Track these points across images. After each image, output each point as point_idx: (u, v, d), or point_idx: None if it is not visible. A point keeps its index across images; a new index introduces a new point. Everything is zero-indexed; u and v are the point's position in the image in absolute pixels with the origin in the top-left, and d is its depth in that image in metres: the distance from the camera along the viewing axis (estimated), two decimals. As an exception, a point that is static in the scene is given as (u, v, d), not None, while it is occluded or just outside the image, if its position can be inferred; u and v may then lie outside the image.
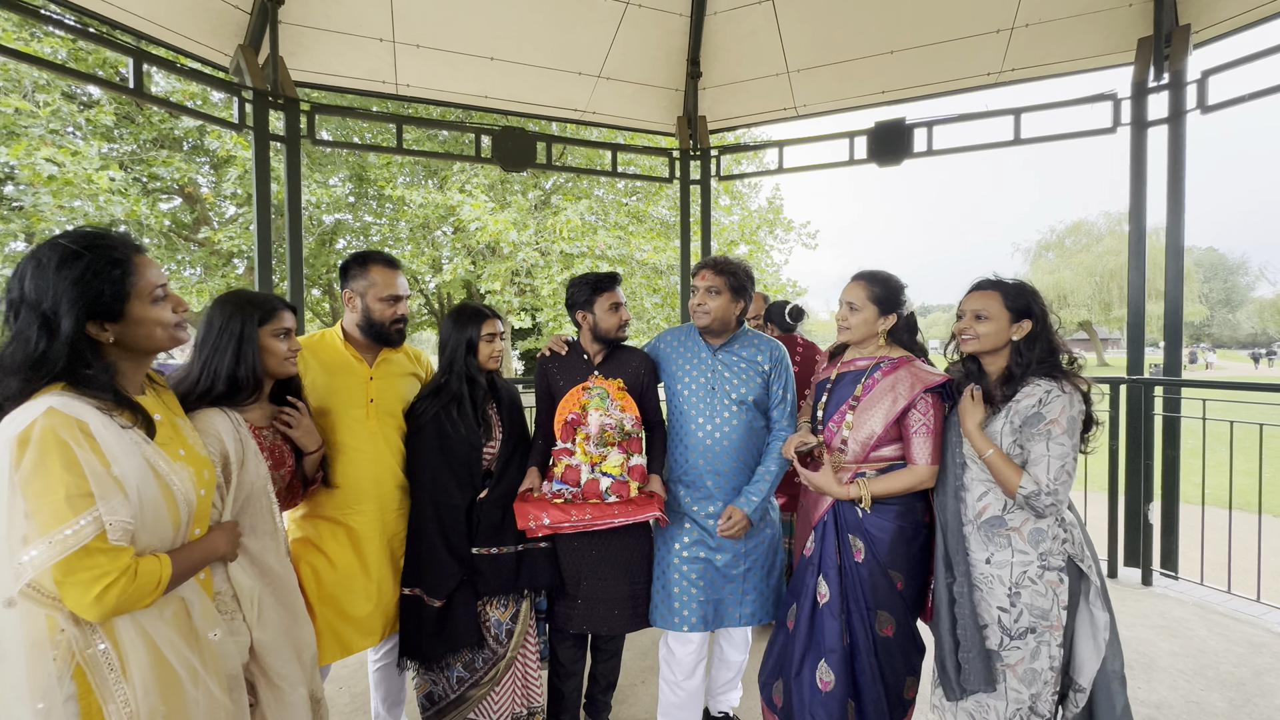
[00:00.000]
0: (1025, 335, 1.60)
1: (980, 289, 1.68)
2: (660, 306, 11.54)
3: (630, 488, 1.74)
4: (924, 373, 1.73)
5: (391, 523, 1.81)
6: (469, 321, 1.87)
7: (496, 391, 1.96)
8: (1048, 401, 1.52)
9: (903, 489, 1.68)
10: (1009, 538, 1.58)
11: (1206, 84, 3.44)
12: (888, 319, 1.79)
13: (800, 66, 4.76)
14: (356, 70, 4.34)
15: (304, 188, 9.42)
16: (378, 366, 1.85)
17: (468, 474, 1.82)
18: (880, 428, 1.71)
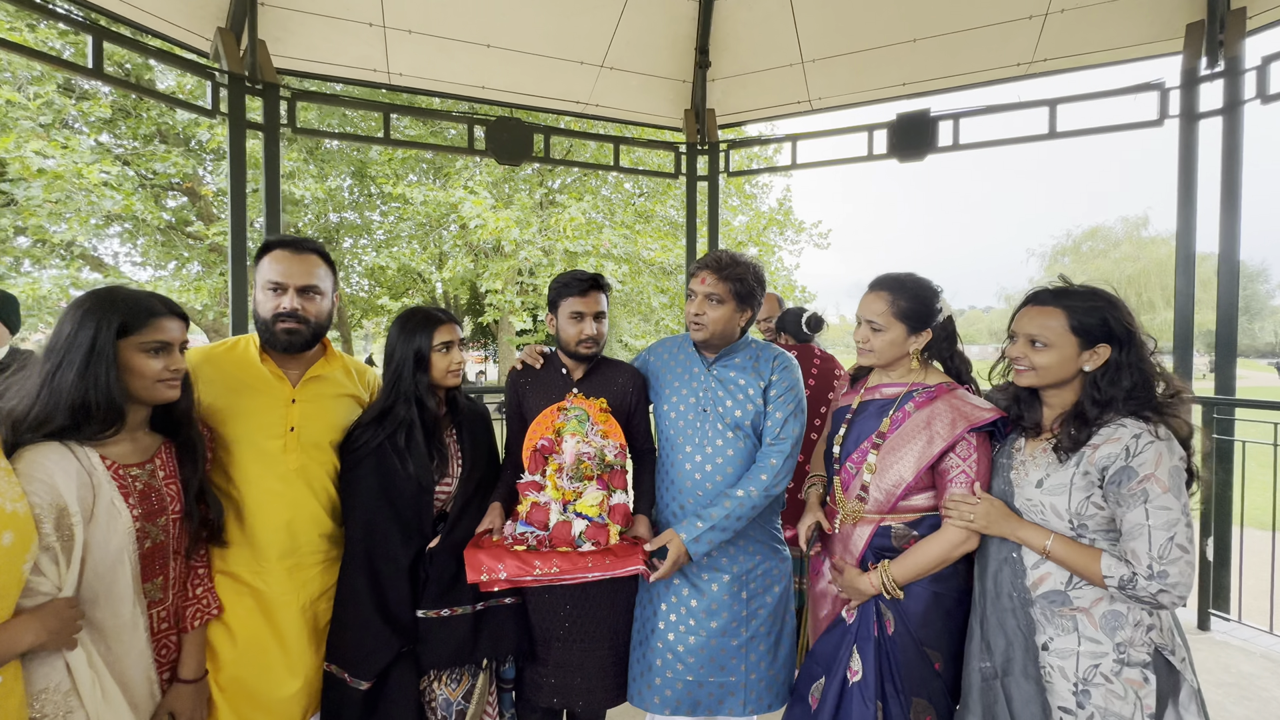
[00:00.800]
0: (1102, 364, 1.26)
1: (1036, 303, 1.32)
2: (669, 307, 11.28)
3: (609, 532, 1.43)
4: (968, 406, 1.40)
5: (313, 581, 1.49)
6: (418, 329, 1.57)
7: (457, 414, 1.66)
8: (1138, 451, 1.18)
9: (936, 562, 1.37)
10: (1075, 620, 1.24)
11: (1268, 71, 3.11)
12: (919, 337, 1.48)
13: (815, 56, 4.47)
14: (345, 57, 4.11)
15: (300, 184, 9.23)
16: (304, 386, 1.51)
17: (415, 519, 1.52)
18: (911, 474, 1.40)
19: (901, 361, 1.51)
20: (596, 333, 1.69)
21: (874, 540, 1.45)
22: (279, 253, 1.48)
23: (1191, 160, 3.34)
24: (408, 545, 1.51)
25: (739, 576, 1.62)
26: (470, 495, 1.59)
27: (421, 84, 4.35)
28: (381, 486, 1.50)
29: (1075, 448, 1.25)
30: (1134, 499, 1.17)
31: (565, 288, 1.69)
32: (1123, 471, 1.18)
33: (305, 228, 12.80)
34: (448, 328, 1.61)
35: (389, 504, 1.50)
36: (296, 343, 1.49)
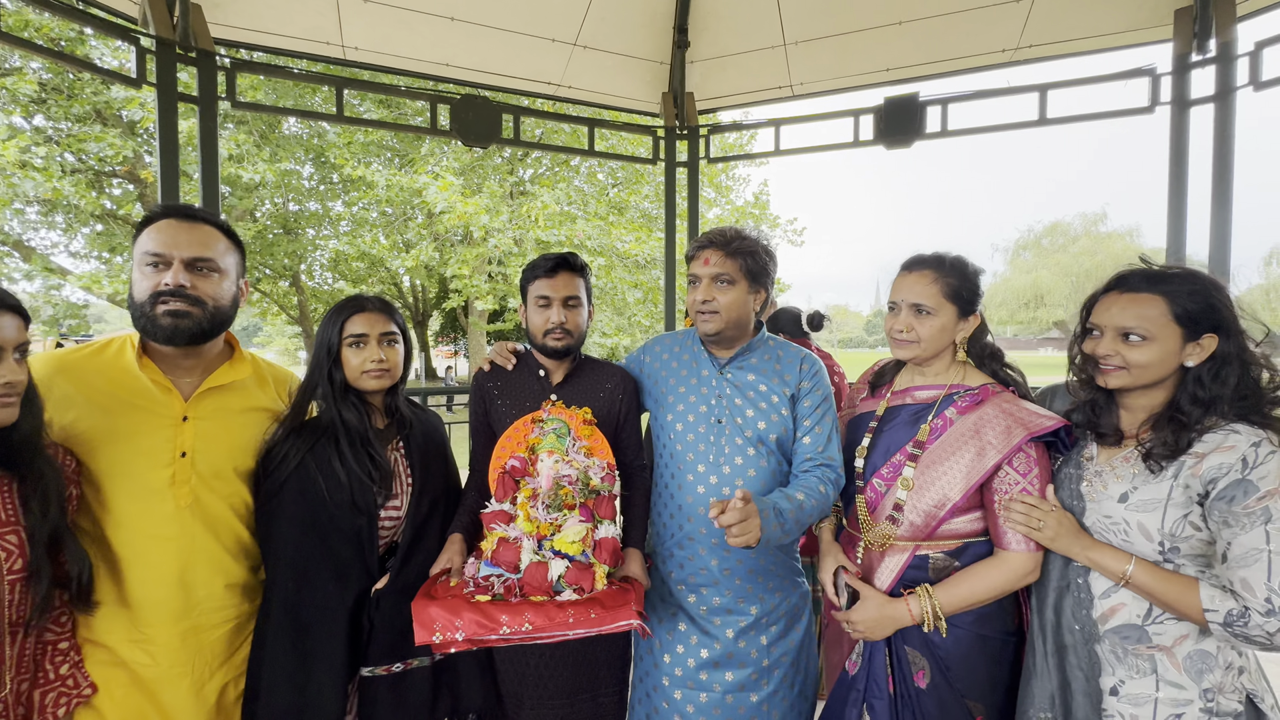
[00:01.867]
0: (1207, 358, 1.07)
1: (1126, 289, 1.12)
2: (642, 302, 11.07)
3: (595, 575, 1.17)
4: (1024, 411, 1.20)
5: (216, 647, 1.20)
6: (330, 319, 1.31)
7: (403, 424, 1.40)
8: (1258, 462, 0.99)
9: (995, 593, 1.16)
10: (1153, 660, 1.07)
11: (1261, 56, 3.04)
12: (967, 322, 1.28)
13: (798, 39, 4.29)
14: (293, 28, 3.75)
15: (251, 167, 8.70)
16: (200, 399, 1.21)
17: (355, 555, 1.25)
18: (959, 492, 1.19)
19: (942, 356, 1.31)
20: (566, 320, 1.43)
21: (906, 573, 1.25)
22: (161, 223, 1.17)
23: (1183, 148, 3.27)
24: (345, 588, 1.24)
25: (758, 620, 1.39)
26: (424, 521, 1.33)
27: (379, 59, 4.02)
28: (307, 515, 1.23)
29: (1174, 456, 1.06)
30: (1251, 519, 0.98)
31: (531, 270, 1.45)
32: (1237, 486, 1.00)
33: (263, 217, 12.18)
34: (366, 317, 1.32)
35: (318, 537, 1.23)
36: (184, 330, 1.17)
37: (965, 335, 1.29)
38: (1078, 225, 35.25)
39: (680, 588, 1.42)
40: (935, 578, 1.24)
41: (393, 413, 1.40)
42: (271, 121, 10.70)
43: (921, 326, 1.27)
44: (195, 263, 1.18)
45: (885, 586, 1.27)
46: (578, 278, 1.47)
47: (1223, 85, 3.12)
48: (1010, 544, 1.17)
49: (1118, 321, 1.11)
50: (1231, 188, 3.11)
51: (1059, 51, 3.75)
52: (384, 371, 1.33)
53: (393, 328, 1.36)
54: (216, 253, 1.21)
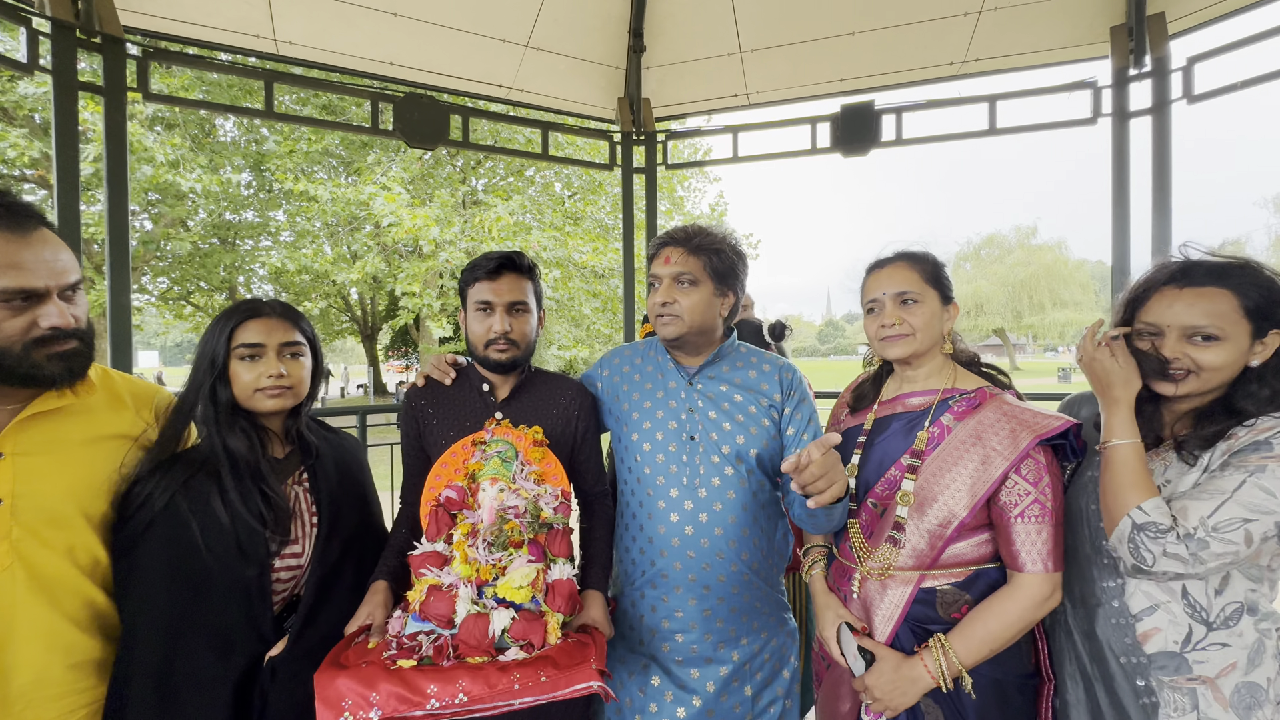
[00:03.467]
0: (1271, 354, 0.98)
1: (1188, 284, 1.01)
2: (600, 312, 10.92)
3: (548, 626, 0.98)
4: (1027, 414, 1.09)
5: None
6: (216, 326, 1.11)
7: (307, 452, 1.18)
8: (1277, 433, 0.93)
9: (1015, 629, 1.03)
10: (1194, 695, 0.96)
11: (1193, 71, 3.17)
12: (950, 310, 1.19)
13: (754, 46, 4.27)
14: (219, 18, 3.47)
15: (189, 175, 8.16)
16: (23, 428, 0.97)
17: (241, 614, 1.03)
18: (965, 507, 1.07)
19: (933, 354, 1.20)
20: (511, 329, 1.25)
21: (912, 609, 1.11)
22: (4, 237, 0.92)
23: (1124, 158, 3.37)
24: (228, 657, 1.01)
25: (741, 666, 1.23)
26: (332, 570, 1.11)
27: (316, 55, 3.76)
28: (178, 569, 1.00)
29: (1208, 445, 0.98)
30: (1240, 469, 0.91)
31: (471, 270, 1.27)
32: (1252, 446, 0.93)
33: (197, 226, 11.45)
34: (262, 323, 1.12)
35: (192, 595, 1.00)
36: (78, 370, 0.98)
37: (950, 326, 1.21)
38: (1012, 238, 37.21)
39: (652, 634, 1.25)
40: (944, 613, 1.11)
41: (295, 439, 1.18)
42: (204, 126, 10.10)
43: (912, 316, 1.17)
44: (52, 294, 0.96)
45: (891, 625, 1.13)
46: (525, 280, 1.30)
47: (1159, 98, 3.24)
48: (1024, 564, 1.05)
49: (1184, 320, 1.00)
50: (1170, 195, 3.21)
51: (1004, 65, 3.84)
52: (284, 389, 1.12)
53: (296, 337, 1.16)
54: (55, 271, 0.97)
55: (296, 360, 1.15)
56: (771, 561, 1.28)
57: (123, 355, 2.78)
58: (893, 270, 1.20)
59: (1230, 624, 0.96)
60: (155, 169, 7.85)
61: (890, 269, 1.20)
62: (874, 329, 1.21)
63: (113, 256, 2.81)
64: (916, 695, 1.06)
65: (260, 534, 1.05)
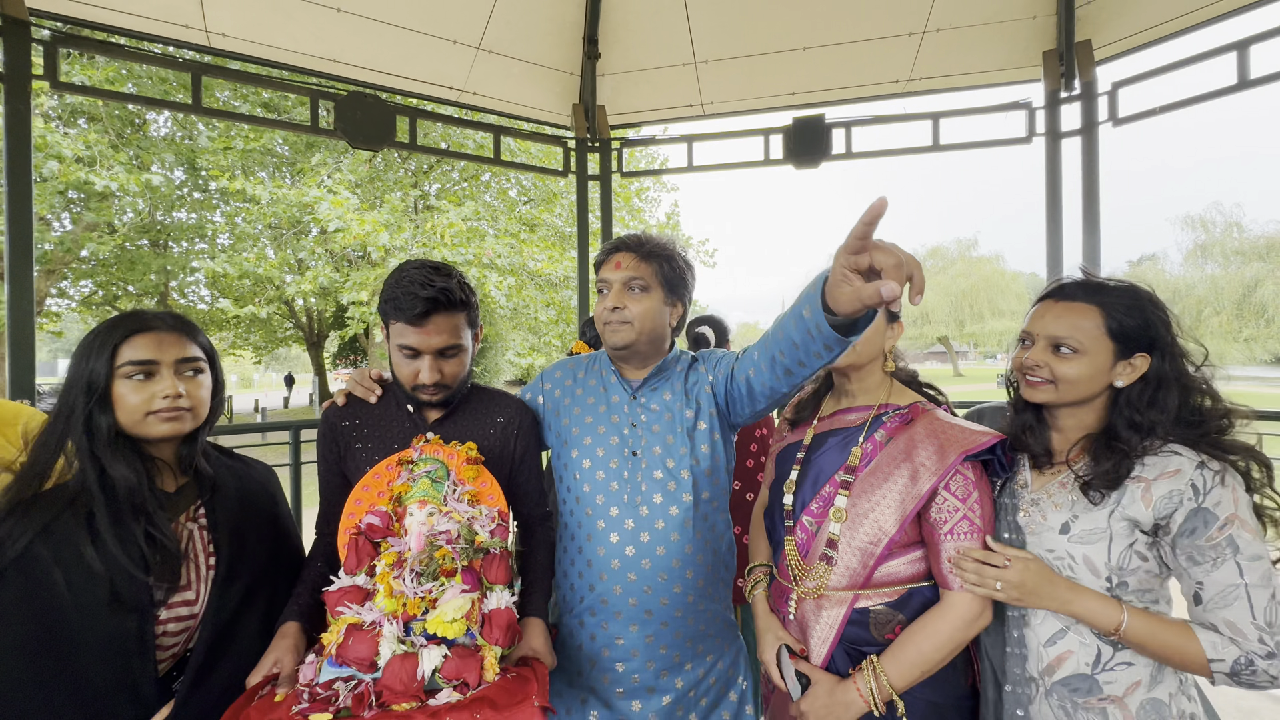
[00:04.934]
0: (1138, 378, 1.00)
1: (1062, 298, 1.04)
2: (555, 321, 10.78)
3: (484, 662, 0.88)
4: (955, 429, 1.09)
5: None
6: (95, 341, 0.96)
7: (204, 484, 1.05)
8: (1209, 487, 0.92)
9: (947, 650, 1.02)
10: (1105, 713, 0.97)
11: (1117, 96, 3.36)
12: (894, 329, 1.19)
13: (709, 58, 4.31)
14: (143, 5, 3.24)
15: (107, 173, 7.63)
16: None
17: (116, 675, 0.88)
18: (894, 524, 1.06)
19: (874, 365, 1.19)
20: (441, 376, 1.14)
21: (846, 630, 1.09)
22: None
23: (1056, 177, 3.54)
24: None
25: (685, 694, 1.17)
26: (232, 620, 0.98)
27: (251, 49, 3.56)
28: (36, 626, 0.86)
29: (1114, 486, 0.97)
30: (1218, 552, 0.90)
31: (391, 304, 1.12)
32: (1195, 516, 0.92)
33: (124, 228, 10.73)
34: (152, 338, 0.98)
35: (54, 657, 0.86)
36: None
37: (893, 343, 1.21)
38: (954, 250, 38.96)
39: (592, 665, 1.18)
40: (878, 634, 1.10)
41: (188, 468, 1.05)
42: (130, 119, 9.50)
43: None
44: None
45: (826, 647, 1.11)
46: (457, 315, 1.15)
47: (1087, 120, 3.41)
48: (953, 582, 1.05)
49: (1050, 330, 1.04)
50: (1099, 210, 3.38)
51: (945, 85, 4.00)
52: (181, 411, 0.99)
53: (194, 351, 1.03)
54: None
55: (195, 379, 1.02)
56: (718, 577, 1.23)
57: (23, 366, 2.53)
58: None
59: None
60: (64, 165, 7.27)
61: None
62: None
63: (13, 259, 2.56)
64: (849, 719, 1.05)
65: (142, 581, 0.91)
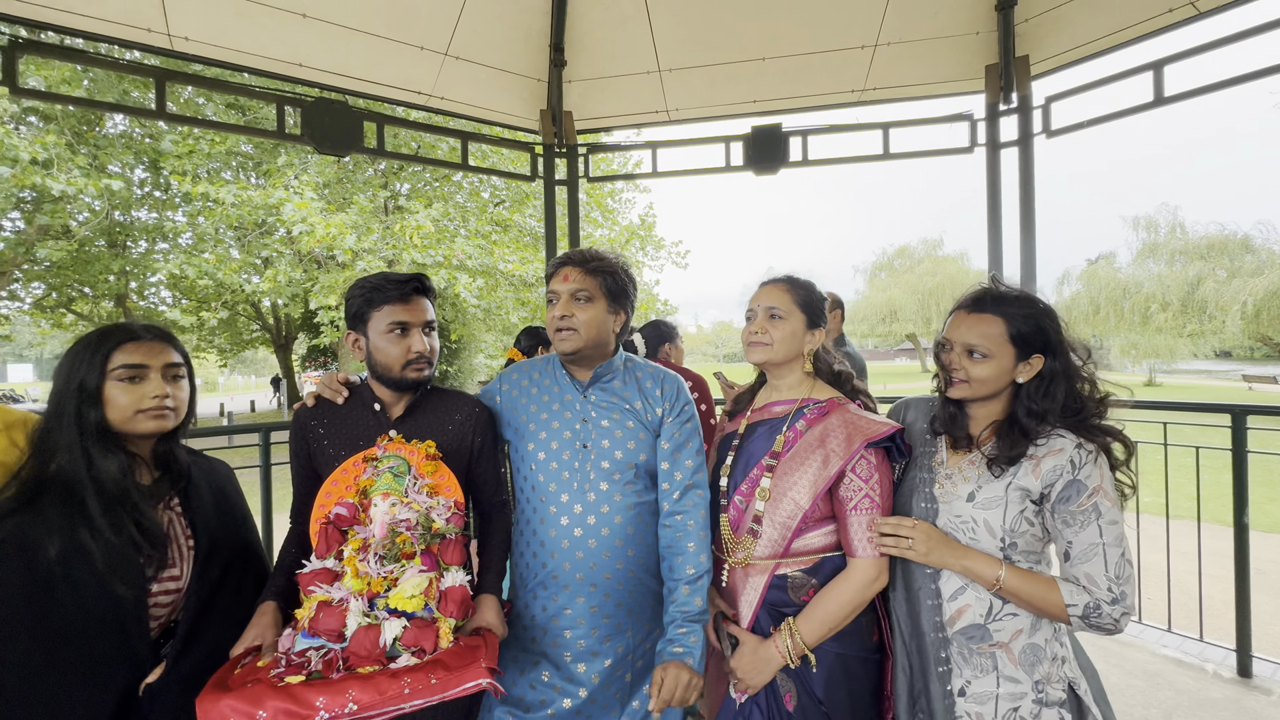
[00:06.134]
0: (1035, 374, 1.18)
1: (974, 310, 1.21)
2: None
3: (439, 632, 1.01)
4: (863, 420, 1.26)
5: None
6: (86, 351, 1.08)
7: (178, 476, 1.17)
8: (1083, 463, 1.10)
9: (849, 610, 1.19)
10: (994, 657, 1.14)
11: (1050, 109, 3.59)
12: (815, 334, 1.35)
13: (672, 66, 4.44)
14: (104, 9, 3.23)
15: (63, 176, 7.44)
16: None
17: (117, 645, 1.01)
18: (808, 499, 1.22)
19: (795, 364, 1.36)
20: (429, 349, 1.32)
21: (769, 594, 1.26)
22: None
23: (996, 184, 3.75)
24: (101, 689, 0.98)
25: (624, 657, 1.32)
26: (211, 594, 1.11)
27: (215, 53, 3.57)
28: (35, 599, 0.97)
29: (1013, 462, 1.15)
30: (1086, 516, 1.08)
31: (377, 292, 1.29)
32: (1070, 486, 1.10)
33: (79, 229, 10.42)
34: (144, 346, 1.11)
35: (56, 633, 0.97)
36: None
37: (813, 348, 1.36)
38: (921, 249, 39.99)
39: (544, 632, 1.31)
40: (796, 597, 1.25)
41: (165, 464, 1.17)
42: (87, 118, 9.25)
43: (775, 330, 1.32)
44: None
45: (751, 609, 1.27)
46: (430, 300, 1.37)
47: (1023, 131, 3.64)
48: (857, 550, 1.21)
49: (964, 338, 1.20)
50: (1034, 217, 3.61)
51: (896, 95, 4.20)
52: (168, 410, 1.11)
53: (177, 358, 1.15)
54: None
55: (179, 382, 1.15)
56: (656, 556, 1.37)
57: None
58: (772, 288, 1.36)
59: None
60: (22, 170, 7.08)
61: (771, 288, 1.37)
62: (745, 334, 1.37)
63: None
64: (771, 673, 1.20)
65: (134, 560, 1.03)
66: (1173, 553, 3.03)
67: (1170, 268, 22.29)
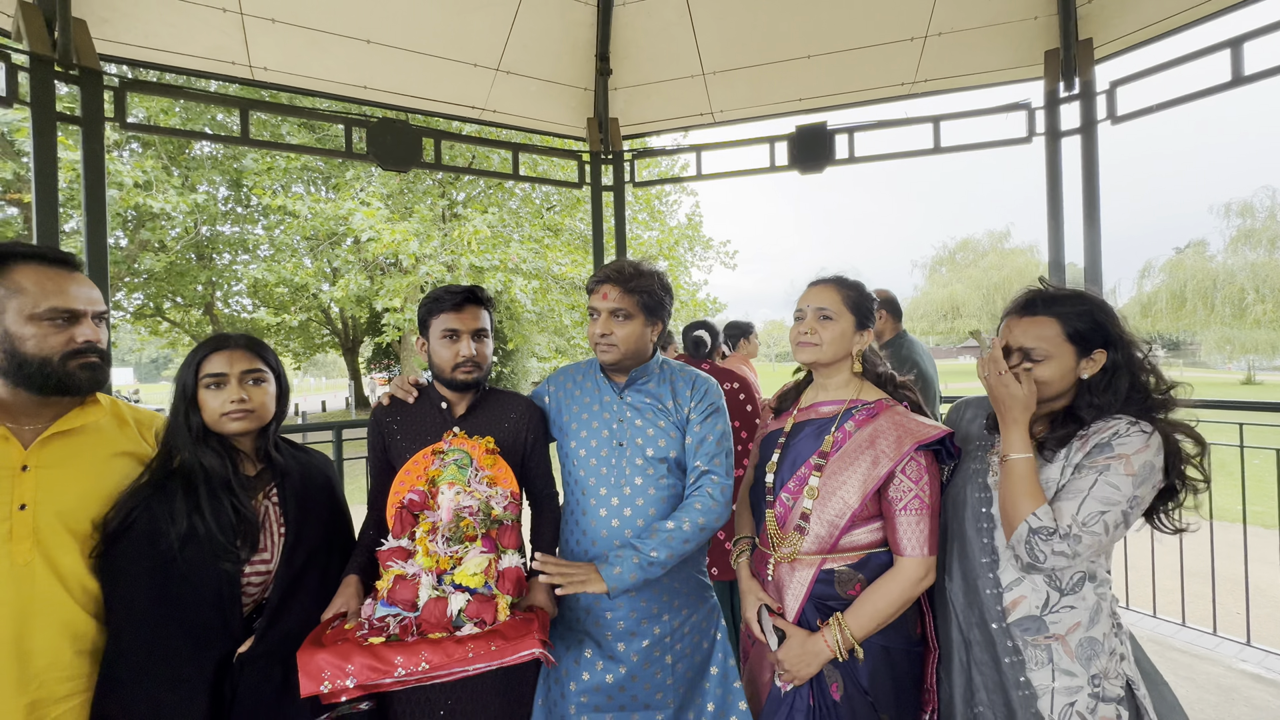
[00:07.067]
0: (1098, 370, 1.17)
1: (1027, 313, 1.21)
2: (579, 324, 11.05)
3: (498, 607, 1.14)
4: (913, 423, 1.28)
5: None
6: (187, 361, 1.26)
7: (275, 468, 1.32)
8: (1125, 435, 1.11)
9: (898, 605, 1.22)
10: (1050, 649, 1.14)
11: (1115, 94, 3.43)
12: (864, 335, 1.37)
13: (716, 69, 4.48)
14: (195, 46, 3.58)
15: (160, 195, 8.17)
16: (44, 445, 1.14)
17: (214, 617, 1.16)
18: (857, 499, 1.25)
19: (843, 365, 1.39)
20: (476, 353, 1.44)
21: (815, 587, 1.30)
22: (49, 271, 1.15)
23: (1056, 175, 3.61)
24: (202, 655, 1.14)
25: (661, 639, 1.41)
26: (297, 578, 1.25)
27: (291, 80, 3.88)
28: (156, 572, 1.13)
29: (1061, 444, 1.16)
30: (1093, 469, 1.10)
31: (436, 303, 1.44)
32: (1101, 447, 1.12)
33: (172, 243, 11.40)
34: (224, 355, 1.26)
35: (170, 596, 1.13)
36: (101, 380, 1.20)
37: (861, 349, 1.38)
38: (986, 242, 38.09)
39: (587, 613, 1.42)
40: (843, 592, 1.29)
41: (265, 457, 1.33)
42: (181, 144, 10.11)
43: (824, 330, 1.35)
44: (91, 318, 1.19)
45: (798, 603, 1.31)
46: (484, 310, 1.49)
47: (1086, 119, 3.49)
48: (905, 549, 1.23)
49: (1020, 342, 1.20)
50: (1098, 207, 3.45)
51: (948, 86, 4.09)
52: (246, 412, 1.26)
53: (258, 365, 1.30)
54: (92, 301, 1.20)
55: (259, 386, 1.29)
56: None
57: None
58: (822, 289, 1.39)
59: (1076, 589, 1.15)
60: (126, 192, 7.86)
61: (820, 288, 1.40)
62: (794, 334, 1.41)
63: (90, 273, 2.90)
64: (819, 665, 1.25)
65: (230, 543, 1.18)
66: (1254, 560, 2.84)
67: (1271, 255, 20.40)
